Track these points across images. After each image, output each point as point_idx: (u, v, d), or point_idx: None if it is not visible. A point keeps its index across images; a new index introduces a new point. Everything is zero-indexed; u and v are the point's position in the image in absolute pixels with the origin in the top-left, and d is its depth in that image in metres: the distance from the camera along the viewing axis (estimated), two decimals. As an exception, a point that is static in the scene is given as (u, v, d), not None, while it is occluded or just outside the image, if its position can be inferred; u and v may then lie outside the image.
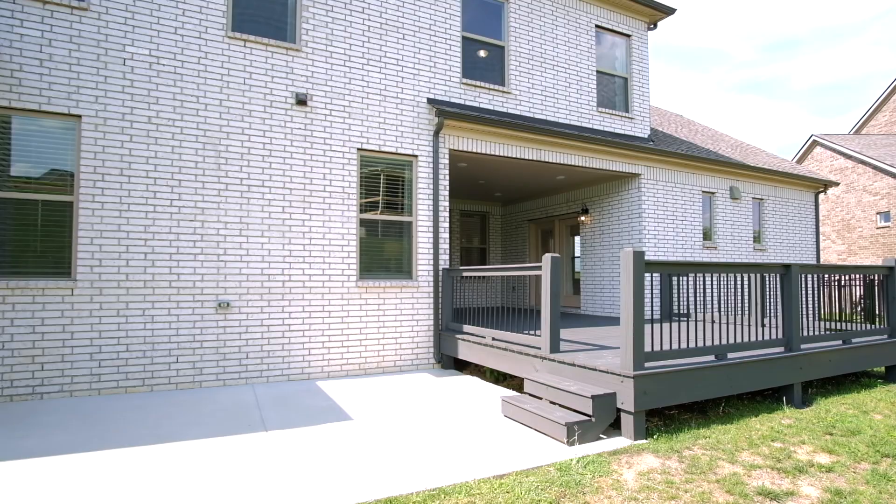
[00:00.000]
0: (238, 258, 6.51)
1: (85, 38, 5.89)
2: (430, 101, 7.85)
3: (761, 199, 12.07)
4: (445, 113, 7.51)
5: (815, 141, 20.99)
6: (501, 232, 14.32)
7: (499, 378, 6.86)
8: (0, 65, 5.53)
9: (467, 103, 8.30)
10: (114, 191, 5.94)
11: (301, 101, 6.89)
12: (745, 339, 5.42)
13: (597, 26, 9.89)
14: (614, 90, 10.26)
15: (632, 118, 10.20)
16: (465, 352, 6.95)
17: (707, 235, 11.04)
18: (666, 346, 4.98)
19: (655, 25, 10.69)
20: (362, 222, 7.37)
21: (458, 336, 7.13)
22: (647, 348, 4.67)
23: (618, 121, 10.02)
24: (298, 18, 7.08)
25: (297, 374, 6.79)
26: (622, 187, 10.25)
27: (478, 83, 8.40)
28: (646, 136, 10.37)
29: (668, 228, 10.19)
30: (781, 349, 5.70)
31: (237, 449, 4.13)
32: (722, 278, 6.63)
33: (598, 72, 9.91)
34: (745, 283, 6.36)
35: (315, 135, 7.03)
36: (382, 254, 7.57)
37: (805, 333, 6.04)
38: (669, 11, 10.47)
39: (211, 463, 3.81)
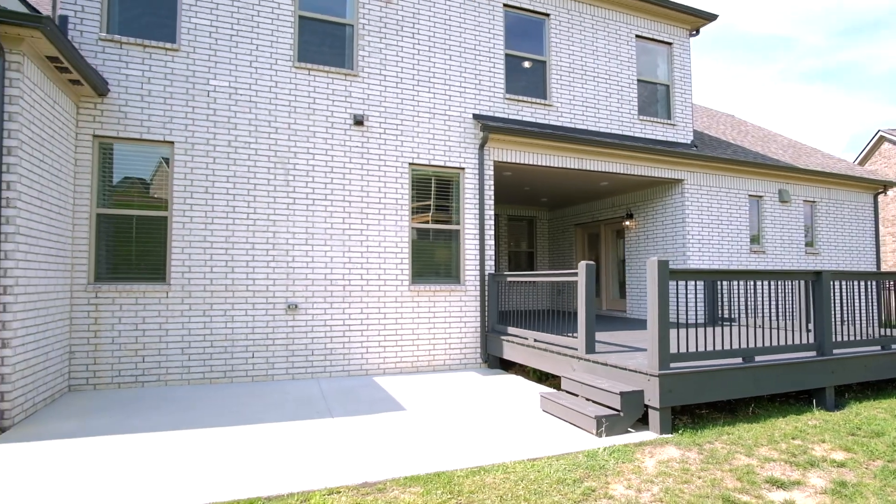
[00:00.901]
0: (304, 264, 7.30)
1: (177, 74, 6.83)
2: (475, 116, 8.42)
3: (814, 202, 11.91)
4: (490, 127, 8.05)
5: (881, 136, 20.04)
6: (548, 236, 14.70)
7: (541, 377, 7.35)
8: (110, 101, 6.53)
9: (510, 117, 8.81)
10: (200, 206, 6.85)
11: (358, 121, 7.62)
12: (775, 343, 5.69)
13: (637, 36, 10.16)
14: (656, 97, 10.48)
15: (674, 125, 10.39)
16: (510, 352, 7.48)
17: (755, 239, 11.04)
18: (693, 349, 5.33)
19: (698, 31, 10.82)
20: (414, 231, 8.02)
21: (502, 337, 7.67)
22: (674, 350, 5.07)
23: (659, 128, 10.25)
24: (355, 46, 7.82)
25: (356, 370, 7.52)
26: (665, 192, 10.46)
27: (520, 97, 8.89)
28: (688, 141, 10.53)
29: (713, 233, 10.31)
30: (814, 353, 5.90)
31: (309, 430, 4.84)
32: (761, 284, 6.87)
33: (638, 80, 10.17)
34: (785, 288, 6.53)
35: (371, 152, 7.74)
36: (432, 260, 8.20)
37: (840, 338, 6.21)
38: (711, 17, 10.58)
39: (289, 440, 4.53)
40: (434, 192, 8.26)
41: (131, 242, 6.71)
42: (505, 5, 8.93)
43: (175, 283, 6.73)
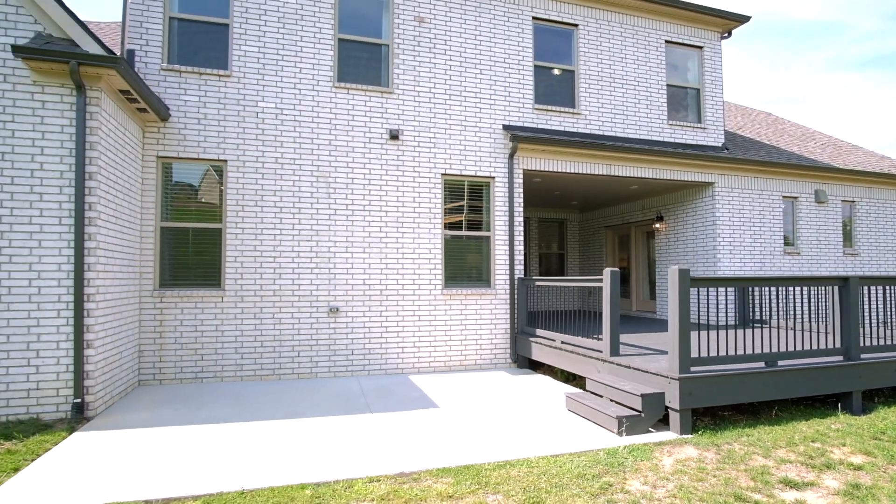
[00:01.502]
0: (345, 271, 7.83)
1: (229, 98, 7.45)
2: (505, 127, 8.77)
3: (853, 202, 11.73)
4: (519, 137, 8.39)
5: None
6: (579, 238, 14.89)
7: (568, 378, 7.66)
8: (171, 125, 7.20)
9: (539, 126, 9.12)
10: (250, 219, 7.46)
11: (394, 136, 8.09)
12: (803, 347, 5.85)
13: (667, 41, 10.28)
14: (686, 101, 10.57)
15: (704, 128, 10.47)
16: (538, 353, 7.82)
17: (789, 241, 10.99)
18: (714, 353, 5.56)
19: (729, 34, 10.84)
20: (446, 238, 8.44)
21: (531, 339, 8.01)
22: (695, 354, 5.33)
23: (689, 132, 10.34)
24: (391, 65, 8.28)
25: (392, 368, 8.01)
26: (696, 195, 10.55)
27: (549, 107, 9.19)
28: (719, 144, 10.57)
29: (745, 235, 10.34)
30: (840, 358, 6.02)
31: (350, 425, 5.33)
32: (789, 289, 6.98)
33: (668, 85, 10.29)
34: (814, 292, 6.63)
35: (405, 164, 8.20)
36: (464, 265, 8.60)
37: (870, 343, 6.29)
38: (743, 20, 10.59)
39: (332, 433, 5.03)
40: (465, 201, 8.66)
41: (190, 252, 7.38)
42: (534, 18, 9.23)
43: (229, 289, 7.36)
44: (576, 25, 9.54)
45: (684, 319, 5.11)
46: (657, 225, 11.58)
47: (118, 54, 7.05)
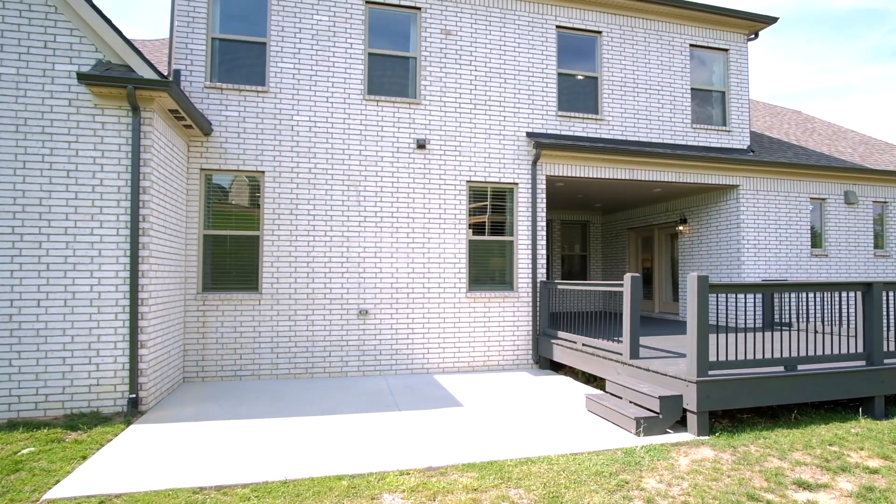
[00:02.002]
0: (374, 275, 8.20)
1: (266, 113, 7.90)
2: (528, 134, 9.01)
3: (885, 203, 11.56)
4: (542, 144, 8.62)
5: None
6: (602, 240, 15.00)
7: (589, 379, 7.87)
8: (213, 139, 7.68)
9: (562, 133, 9.32)
10: (286, 226, 7.90)
11: (421, 145, 8.42)
12: (826, 352, 5.94)
13: (691, 45, 10.34)
14: (711, 104, 10.62)
15: (729, 131, 10.49)
16: (559, 355, 8.05)
17: (817, 243, 10.93)
18: (732, 357, 5.72)
19: (756, 35, 10.82)
20: (470, 242, 8.74)
21: (553, 341, 8.25)
22: (713, 358, 5.51)
23: (713, 135, 10.39)
24: (418, 77, 8.62)
25: (418, 368, 8.35)
26: (720, 198, 10.59)
27: (572, 114, 9.39)
28: (744, 147, 10.59)
29: (770, 238, 10.34)
30: (862, 363, 6.10)
31: (380, 422, 5.68)
32: (815, 293, 7.04)
33: (692, 89, 10.36)
34: (838, 297, 6.68)
35: (432, 172, 8.52)
36: (488, 269, 8.88)
37: (894, 348, 6.34)
38: (770, 21, 10.57)
39: (364, 429, 5.38)
40: (489, 206, 8.93)
41: (230, 258, 7.85)
42: (557, 27, 9.44)
43: (266, 293, 7.81)
44: (599, 32, 9.71)
45: (702, 324, 5.30)
46: (681, 227, 11.64)
47: (166, 74, 7.58)
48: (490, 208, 8.93)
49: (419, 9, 8.68)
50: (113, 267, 5.92)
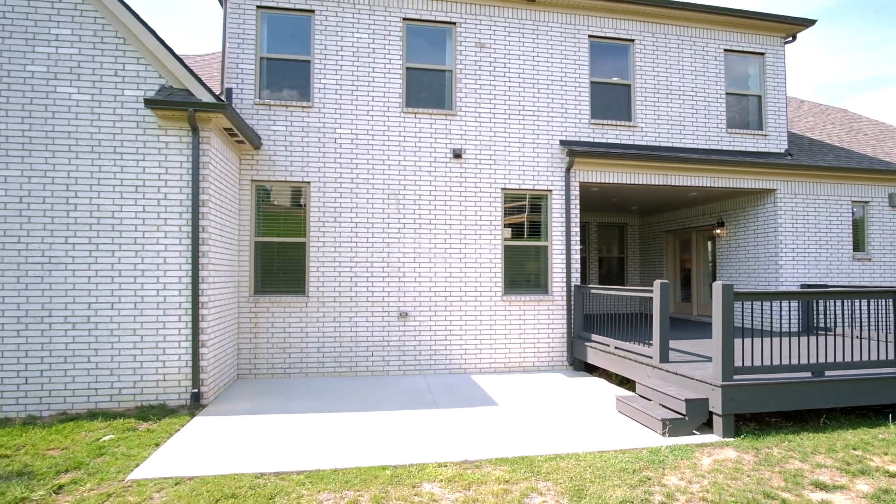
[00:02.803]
0: (413, 279, 8.61)
1: (311, 126, 8.42)
2: (561, 142, 9.24)
3: (934, 204, 11.22)
4: (575, 152, 8.84)
5: None
6: (639, 242, 15.01)
7: (622, 381, 8.06)
8: (263, 153, 8.26)
9: (595, 140, 9.51)
10: (330, 233, 8.40)
11: (457, 154, 8.78)
12: (855, 358, 5.99)
13: (726, 50, 10.34)
14: (747, 108, 10.57)
15: (766, 135, 10.43)
16: (593, 357, 8.26)
17: (859, 246, 10.73)
18: (758, 363, 5.85)
19: (794, 38, 10.71)
20: (505, 248, 9.04)
21: (587, 343, 8.47)
22: (739, 363, 5.66)
23: (749, 139, 10.36)
24: (454, 89, 8.98)
25: (456, 368, 8.71)
26: (757, 202, 10.54)
27: (605, 121, 9.56)
28: (782, 150, 10.50)
29: (809, 241, 10.24)
30: (893, 369, 6.10)
31: (420, 418, 6.07)
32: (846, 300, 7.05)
33: (727, 94, 10.35)
34: (882, 304, 6.67)
35: (468, 180, 8.87)
36: (522, 273, 9.17)
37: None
38: (808, 24, 10.45)
39: (405, 425, 5.78)
40: (524, 213, 9.21)
41: (280, 263, 8.41)
42: (590, 36, 9.63)
43: (312, 296, 8.33)
44: (632, 41, 9.84)
45: (727, 331, 5.47)
46: (718, 230, 11.61)
47: (219, 93, 8.19)
48: (524, 214, 9.21)
49: (454, 23, 9.05)
50: (176, 273, 6.52)
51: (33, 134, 6.33)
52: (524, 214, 9.22)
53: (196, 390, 6.47)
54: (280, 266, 8.42)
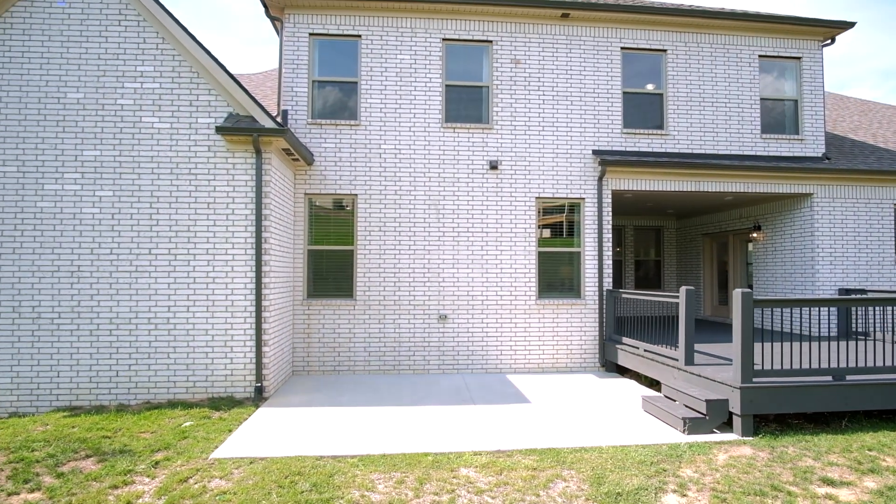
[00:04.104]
0: (452, 284, 9.22)
1: (358, 143, 9.15)
2: (594, 152, 9.64)
3: (985, 206, 10.96)
4: (607, 161, 9.23)
5: None
6: (676, 245, 15.12)
7: (651, 383, 8.41)
8: (315, 168, 9.05)
9: (627, 149, 9.85)
10: (375, 241, 9.11)
11: (493, 166, 9.32)
12: (872, 364, 6.20)
13: (760, 56, 10.44)
14: (782, 112, 10.64)
15: (802, 139, 10.48)
16: (623, 359, 8.65)
17: (902, 250, 10.62)
18: (778, 366, 6.15)
19: (833, 40, 10.70)
20: (539, 254, 9.52)
21: (618, 346, 8.86)
22: (762, 366, 5.99)
23: (785, 144, 10.44)
24: (490, 104, 9.53)
25: (491, 368, 9.26)
26: (794, 206, 10.60)
27: (637, 130, 9.89)
28: (819, 154, 10.52)
29: (848, 245, 10.23)
30: (920, 375, 6.27)
31: (458, 412, 6.67)
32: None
33: (761, 99, 10.46)
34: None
35: (503, 190, 9.40)
36: (556, 278, 9.62)
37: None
38: (847, 26, 10.42)
39: (444, 418, 6.39)
40: (557, 220, 9.67)
41: (330, 269, 9.19)
42: (622, 48, 9.97)
43: (359, 299, 9.06)
44: (664, 51, 10.12)
45: (746, 335, 5.81)
46: (754, 234, 11.69)
47: (275, 114, 9.02)
48: (558, 222, 9.67)
49: (490, 41, 9.59)
50: (242, 280, 7.35)
51: (123, 159, 7.28)
52: (558, 222, 9.67)
53: (259, 384, 7.28)
54: (330, 272, 9.19)
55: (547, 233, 9.66)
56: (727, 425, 6.04)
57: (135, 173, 7.29)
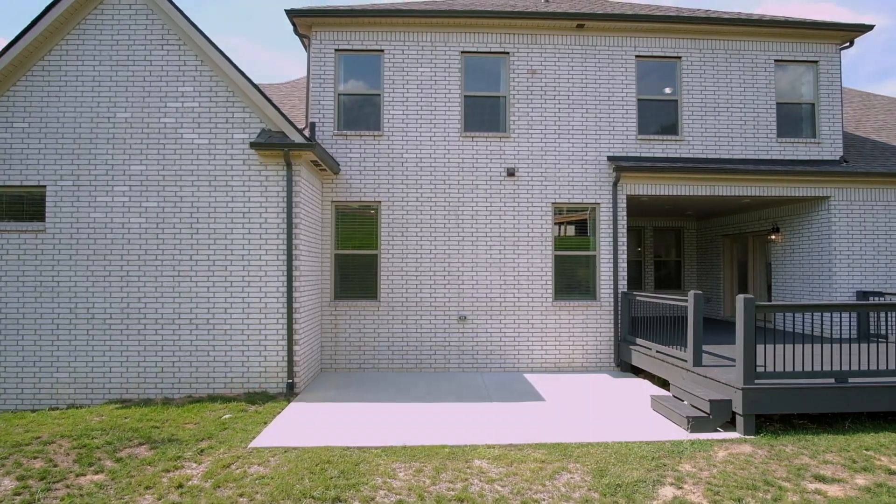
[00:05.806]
0: (471, 286, 9.65)
1: (381, 153, 9.65)
2: (609, 158, 9.93)
3: None
4: (622, 167, 9.52)
5: None
6: (696, 245, 15.23)
7: (664, 383, 8.70)
8: (341, 177, 9.58)
9: (642, 155, 10.11)
10: (397, 246, 9.59)
11: (510, 173, 9.71)
12: (876, 367, 6.40)
13: (776, 61, 10.55)
14: (799, 116, 10.73)
15: (819, 143, 10.56)
16: (637, 359, 8.95)
17: (923, 252, 10.61)
18: (780, 369, 6.40)
19: (851, 43, 10.72)
20: (555, 257, 9.87)
21: (632, 346, 9.16)
22: (765, 368, 6.26)
23: (801, 147, 10.53)
24: (507, 114, 9.91)
25: (509, 367, 9.67)
26: (812, 209, 10.69)
27: (651, 136, 10.13)
28: (836, 158, 10.58)
29: (867, 248, 10.29)
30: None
31: (475, 409, 7.10)
32: None
33: (778, 103, 10.56)
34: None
35: (520, 196, 9.78)
36: (572, 280, 9.96)
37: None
38: (865, 29, 10.45)
39: (462, 414, 6.83)
40: (573, 225, 10.00)
41: (355, 272, 9.72)
42: (637, 56, 10.22)
43: (383, 301, 9.57)
44: (679, 58, 10.32)
45: (748, 338, 6.09)
46: (773, 236, 11.78)
47: (302, 126, 9.57)
48: (574, 226, 10.00)
49: (507, 53, 9.96)
50: (275, 283, 7.92)
51: (166, 173, 7.92)
52: (573, 226, 10.00)
53: (291, 381, 7.84)
54: (355, 275, 9.72)
55: (563, 236, 9.99)
56: (730, 424, 6.32)
57: (177, 185, 7.92)
